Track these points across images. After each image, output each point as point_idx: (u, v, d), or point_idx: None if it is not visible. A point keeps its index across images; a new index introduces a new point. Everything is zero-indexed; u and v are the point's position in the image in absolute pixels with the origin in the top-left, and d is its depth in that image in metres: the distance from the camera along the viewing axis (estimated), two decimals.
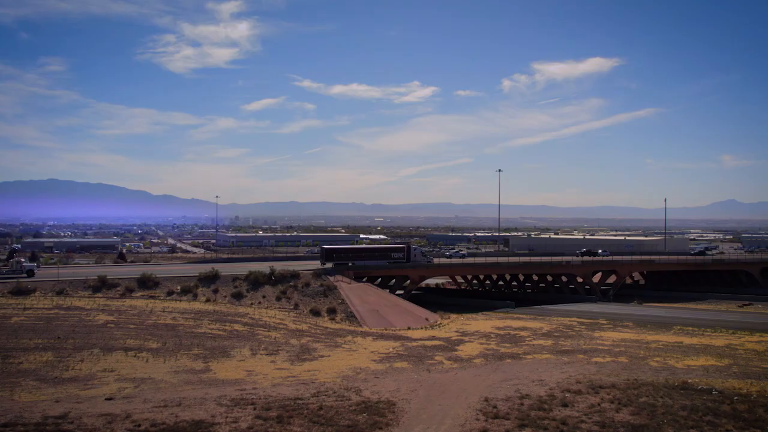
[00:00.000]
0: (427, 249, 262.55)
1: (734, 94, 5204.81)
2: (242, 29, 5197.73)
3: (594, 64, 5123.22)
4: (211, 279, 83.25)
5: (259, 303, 78.59)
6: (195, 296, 78.22)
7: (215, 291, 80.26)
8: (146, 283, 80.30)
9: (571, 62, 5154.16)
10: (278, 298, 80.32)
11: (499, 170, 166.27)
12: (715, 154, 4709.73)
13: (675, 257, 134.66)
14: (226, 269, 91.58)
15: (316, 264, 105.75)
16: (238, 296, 79.73)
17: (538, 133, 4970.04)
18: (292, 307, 78.35)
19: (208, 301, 76.94)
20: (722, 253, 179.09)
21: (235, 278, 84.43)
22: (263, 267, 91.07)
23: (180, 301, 75.86)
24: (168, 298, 77.10)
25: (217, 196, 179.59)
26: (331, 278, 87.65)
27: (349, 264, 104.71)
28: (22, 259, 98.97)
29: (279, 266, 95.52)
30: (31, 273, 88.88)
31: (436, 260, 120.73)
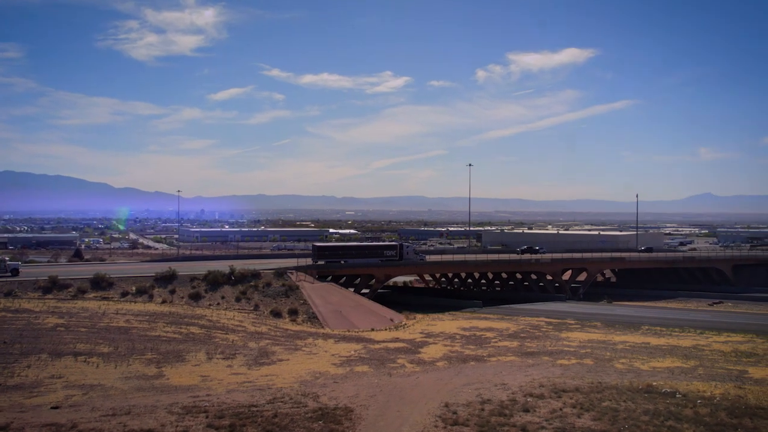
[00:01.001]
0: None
1: (710, 87, 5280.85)
2: (208, 16, 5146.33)
3: (569, 55, 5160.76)
4: (168, 279, 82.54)
5: (218, 304, 78.18)
6: (151, 297, 77.56)
7: (172, 292, 79.66)
8: (100, 284, 79.31)
9: (546, 53, 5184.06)
10: (238, 299, 79.94)
11: (470, 165, 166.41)
12: (692, 147, 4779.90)
13: (646, 255, 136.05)
14: (184, 268, 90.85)
15: (282, 262, 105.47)
16: (196, 297, 79.20)
17: (513, 124, 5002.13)
18: (252, 308, 78.03)
19: (164, 302, 76.33)
20: (695, 249, 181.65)
21: (193, 278, 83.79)
22: (224, 266, 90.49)
23: (135, 302, 75.16)
24: (122, 299, 76.33)
25: (179, 191, 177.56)
26: (293, 277, 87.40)
27: (341, 262, 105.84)
28: (6, 258, 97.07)
29: (241, 264, 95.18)
30: (15, 272, 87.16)
31: None
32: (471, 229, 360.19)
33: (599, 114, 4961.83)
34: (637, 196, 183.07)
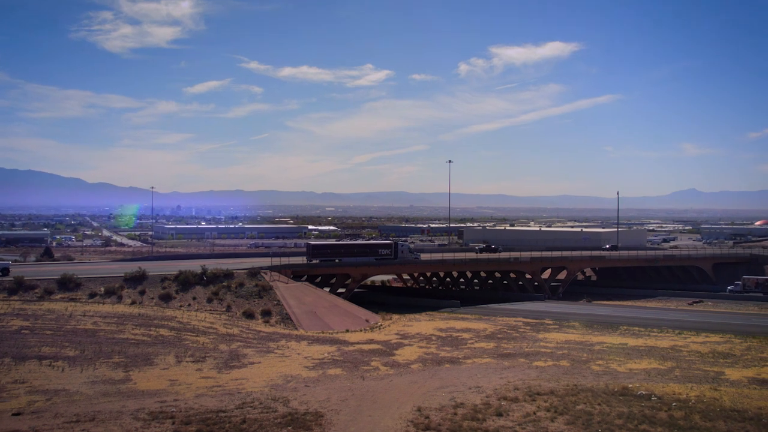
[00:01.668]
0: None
1: (694, 82, 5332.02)
2: (185, 7, 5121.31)
3: (553, 49, 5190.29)
4: (138, 279, 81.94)
5: (189, 305, 77.84)
6: (120, 298, 76.99)
7: (142, 292, 79.12)
8: (67, 285, 78.58)
9: (529, 46, 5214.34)
10: (210, 300, 79.59)
11: (449, 161, 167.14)
12: (676, 142, 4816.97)
13: (627, 253, 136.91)
14: (156, 268, 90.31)
15: (257, 261, 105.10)
16: (166, 298, 78.75)
17: (495, 119, 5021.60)
18: (224, 309, 77.71)
19: (133, 303, 75.80)
20: (676, 247, 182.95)
21: (164, 278, 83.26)
22: (196, 265, 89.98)
23: (103, 303, 74.56)
24: (90, 300, 75.69)
25: (152, 187, 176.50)
26: (267, 277, 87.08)
27: (336, 261, 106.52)
28: None
29: (215, 264, 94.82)
30: (5, 271, 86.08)
31: None
32: (452, 225, 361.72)
33: (583, 109, 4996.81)
34: (618, 193, 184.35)
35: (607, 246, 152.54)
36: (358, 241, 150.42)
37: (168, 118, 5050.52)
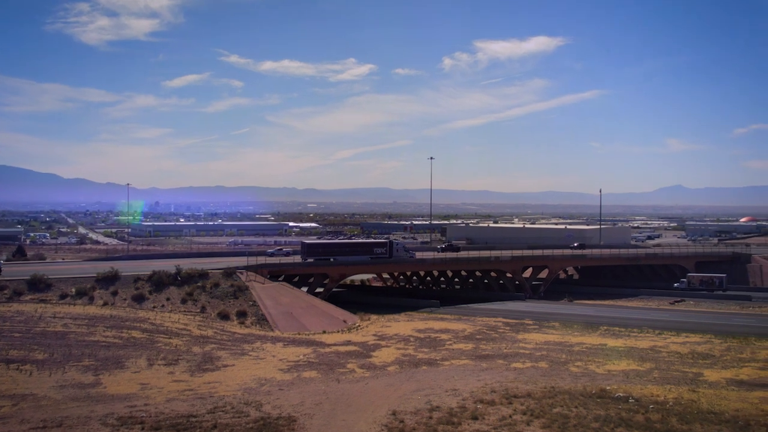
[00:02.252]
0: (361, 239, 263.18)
1: (680, 77, 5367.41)
2: None
3: (538, 43, 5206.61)
4: (110, 279, 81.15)
5: (163, 306, 77.32)
6: (91, 299, 76.28)
7: (114, 293, 78.42)
8: (37, 285, 77.62)
9: (514, 41, 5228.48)
10: (184, 301, 79.09)
11: (431, 158, 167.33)
12: (661, 138, 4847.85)
13: (608, 251, 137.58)
14: (129, 268, 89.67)
15: (234, 260, 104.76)
16: (139, 299, 78.15)
17: (480, 114, 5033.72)
18: (198, 310, 77.30)
19: (105, 304, 75.09)
20: (659, 245, 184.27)
21: (137, 279, 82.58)
22: (171, 265, 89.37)
23: (74, 305, 73.81)
24: (61, 301, 74.93)
25: (128, 184, 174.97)
26: (243, 277, 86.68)
27: (331, 260, 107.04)
28: None
29: (191, 263, 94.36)
30: None
31: None
32: (435, 222, 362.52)
33: (568, 104, 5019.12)
34: (600, 190, 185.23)
35: (575, 244, 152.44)
36: (354, 240, 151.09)
37: (146, 113, 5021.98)
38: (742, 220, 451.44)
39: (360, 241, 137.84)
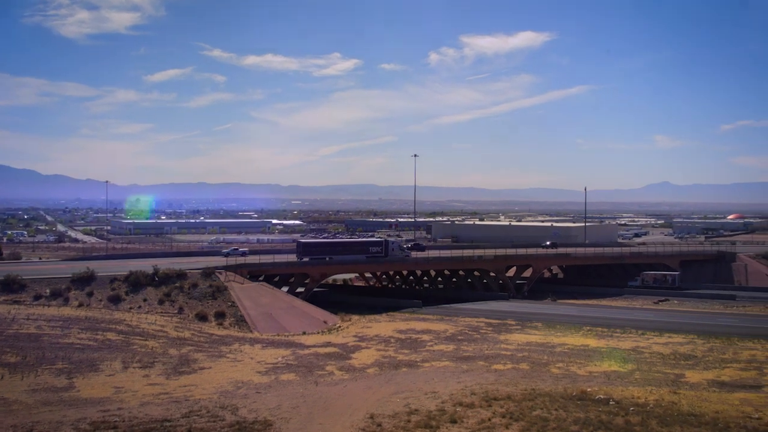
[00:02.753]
0: (345, 237, 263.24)
1: (667, 73, 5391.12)
2: None
3: (525, 39, 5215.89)
4: (86, 280, 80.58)
5: (140, 307, 76.90)
6: (66, 300, 75.80)
7: (90, 294, 77.89)
8: (11, 286, 76.93)
9: (501, 36, 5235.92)
10: (161, 302, 78.70)
11: (415, 155, 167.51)
12: (648, 134, 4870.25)
13: (593, 250, 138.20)
14: (106, 268, 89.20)
15: (213, 260, 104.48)
16: (115, 300, 77.64)
17: (466, 110, 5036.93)
18: (176, 311, 77.00)
19: (80, 305, 74.64)
20: (644, 243, 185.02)
21: (113, 279, 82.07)
22: (148, 265, 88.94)
23: (48, 306, 73.35)
24: (35, 303, 74.40)
25: (107, 181, 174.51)
26: (222, 277, 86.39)
27: (326, 259, 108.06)
28: None
29: (169, 263, 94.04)
30: None
31: None
32: (421, 220, 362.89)
33: (555, 100, 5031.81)
34: (585, 188, 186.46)
35: (547, 243, 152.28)
36: (350, 239, 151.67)
37: (127, 108, 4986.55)
38: (730, 217, 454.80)
39: (356, 240, 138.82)
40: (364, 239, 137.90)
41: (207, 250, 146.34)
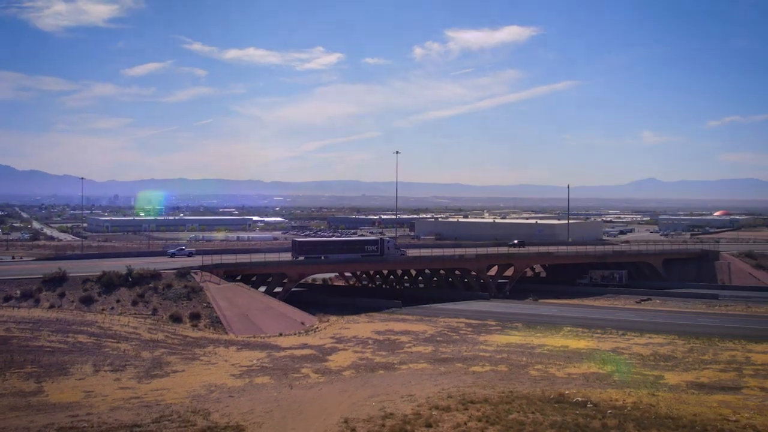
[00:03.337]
0: (327, 234, 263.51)
1: (654, 68, 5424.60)
2: None
3: (511, 33, 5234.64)
4: (58, 280, 79.84)
5: (112, 309, 76.34)
6: (37, 302, 75.19)
7: (61, 295, 77.24)
8: None
9: (486, 30, 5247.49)
10: (135, 303, 78.16)
11: (397, 152, 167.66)
12: (635, 130, 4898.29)
13: (575, 249, 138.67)
14: (79, 268, 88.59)
15: (188, 259, 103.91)
16: (87, 301, 76.97)
17: (452, 105, 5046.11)
18: (150, 312, 76.52)
19: (51, 307, 74.03)
20: (627, 242, 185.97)
21: (86, 279, 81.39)
22: (122, 265, 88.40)
23: (18, 308, 72.72)
24: (5, 304, 73.75)
25: (82, 178, 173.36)
26: (198, 278, 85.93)
27: (322, 258, 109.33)
28: None
29: (143, 263, 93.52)
30: None
31: None
32: (405, 217, 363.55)
33: (541, 95, 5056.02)
34: (569, 186, 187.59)
35: (515, 242, 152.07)
36: (345, 238, 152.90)
37: (105, 102, 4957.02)
38: (716, 214, 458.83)
39: (352, 238, 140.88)
40: (360, 238, 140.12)
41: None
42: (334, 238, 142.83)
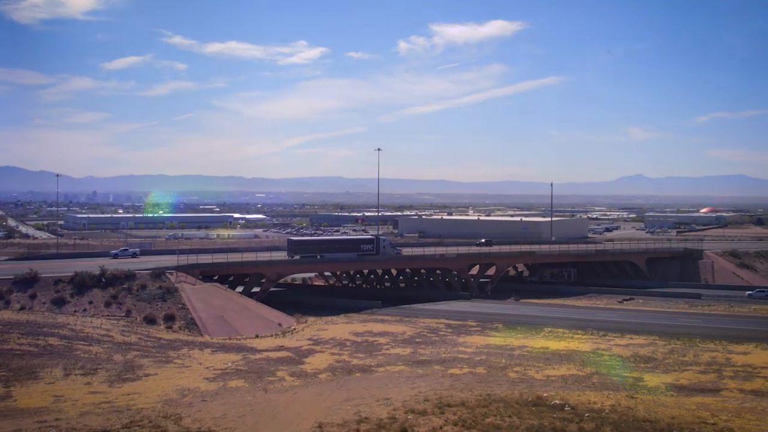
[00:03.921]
0: (309, 232, 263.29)
1: (641, 64, 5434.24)
2: None
3: (496, 28, 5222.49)
4: (29, 281, 79.02)
5: (85, 310, 75.79)
6: (8, 303, 74.49)
7: (33, 296, 76.51)
8: None
9: (472, 24, 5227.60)
10: (108, 304, 77.67)
11: (378, 149, 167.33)
12: (622, 126, 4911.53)
13: (557, 248, 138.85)
14: (52, 268, 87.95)
15: (164, 259, 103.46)
16: (59, 303, 76.37)
17: (437, 100, 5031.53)
18: (123, 314, 76.14)
19: (22, 309, 73.42)
20: (611, 241, 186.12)
21: (58, 280, 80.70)
22: (95, 265, 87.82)
23: None
24: None
25: (58, 175, 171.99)
26: (173, 278, 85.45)
27: (317, 257, 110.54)
28: None
29: (117, 263, 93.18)
30: None
31: None
32: (388, 214, 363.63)
33: (527, 90, 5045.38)
34: (551, 185, 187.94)
35: (482, 240, 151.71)
36: (341, 236, 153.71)
37: (83, 96, 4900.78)
38: (703, 210, 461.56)
39: (347, 237, 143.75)
40: (355, 237, 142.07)
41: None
42: (329, 237, 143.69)
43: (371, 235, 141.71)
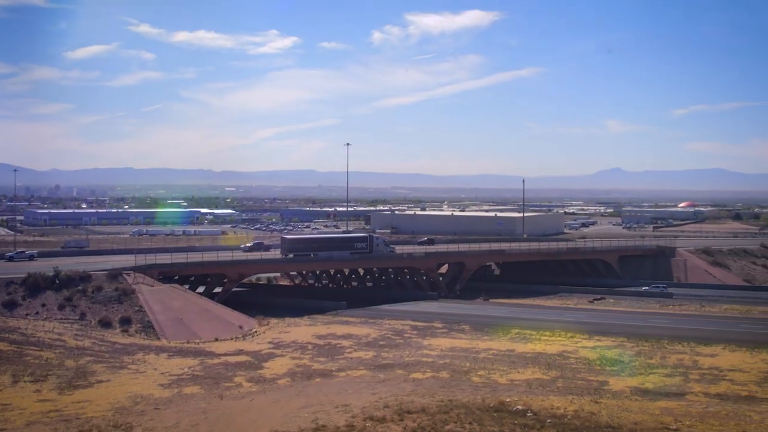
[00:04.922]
0: (278, 228, 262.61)
1: (619, 56, 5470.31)
2: None
3: (472, 18, 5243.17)
4: None
5: (37, 313, 75.19)
6: None
7: None
8: None
9: (447, 14, 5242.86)
10: (61, 307, 77.01)
11: (348, 144, 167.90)
12: (600, 119, 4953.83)
13: (527, 246, 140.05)
14: (4, 268, 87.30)
15: (124, 259, 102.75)
16: (10, 305, 75.74)
17: (411, 92, 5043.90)
18: (77, 317, 75.50)
19: None
20: (584, 237, 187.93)
21: (9, 282, 79.96)
22: (49, 266, 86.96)
23: None
24: None
25: (15, 170, 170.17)
26: (130, 279, 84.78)
27: (311, 255, 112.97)
28: None
29: (73, 263, 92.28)
30: None
31: None
32: (361, 209, 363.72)
33: (504, 82, 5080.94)
34: (523, 181, 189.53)
35: (424, 239, 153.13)
36: (335, 234, 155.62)
37: (46, 86, 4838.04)
38: (681, 205, 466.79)
39: (341, 235, 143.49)
40: (350, 235, 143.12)
41: (120, 248, 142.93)
42: (323, 235, 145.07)
43: (365, 233, 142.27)
